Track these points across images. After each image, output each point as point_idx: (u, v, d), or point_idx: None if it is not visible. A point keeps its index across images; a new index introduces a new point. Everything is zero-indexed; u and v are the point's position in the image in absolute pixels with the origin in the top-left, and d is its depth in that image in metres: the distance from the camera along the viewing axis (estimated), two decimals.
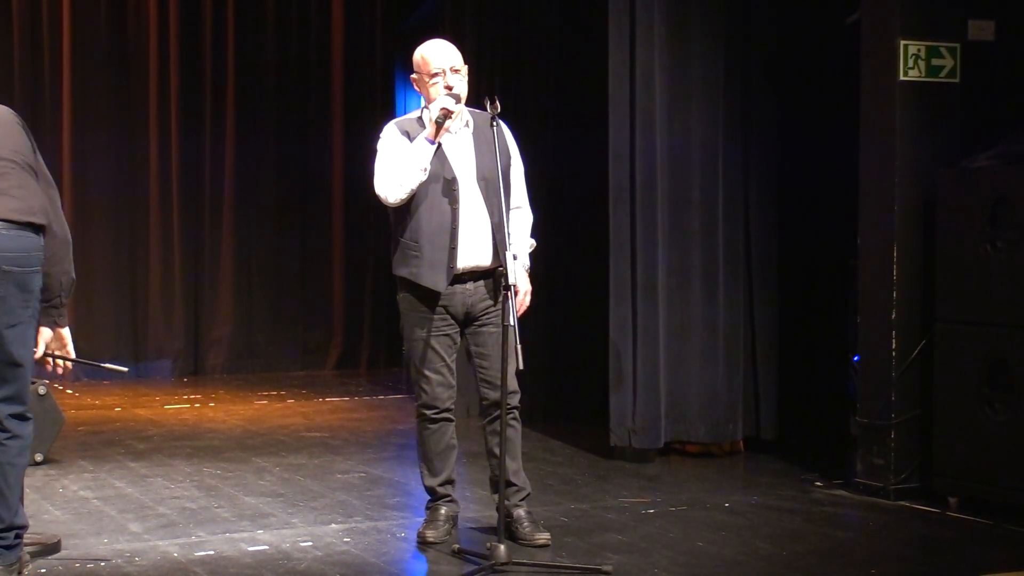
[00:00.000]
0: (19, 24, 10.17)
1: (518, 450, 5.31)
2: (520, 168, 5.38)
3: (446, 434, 5.32)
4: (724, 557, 5.12)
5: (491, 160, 5.13)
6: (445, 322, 5.23)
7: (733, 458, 7.20)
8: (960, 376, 5.93)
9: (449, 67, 5.19)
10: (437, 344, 5.23)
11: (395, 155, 5.15)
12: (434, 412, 5.28)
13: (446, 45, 5.28)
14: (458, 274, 5.17)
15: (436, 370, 5.24)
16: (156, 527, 5.53)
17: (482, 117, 5.26)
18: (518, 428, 5.29)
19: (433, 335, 5.22)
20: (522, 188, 5.38)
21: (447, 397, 5.28)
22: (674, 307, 7.06)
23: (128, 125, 10.49)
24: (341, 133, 11.14)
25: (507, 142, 5.30)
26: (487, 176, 5.16)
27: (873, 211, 6.28)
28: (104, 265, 10.44)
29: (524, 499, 5.32)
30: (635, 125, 6.97)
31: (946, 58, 6.20)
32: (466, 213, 5.15)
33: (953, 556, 5.27)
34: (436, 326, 5.22)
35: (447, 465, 5.34)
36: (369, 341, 11.30)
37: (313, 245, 11.19)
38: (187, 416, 8.64)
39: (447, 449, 5.33)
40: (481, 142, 5.22)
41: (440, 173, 5.15)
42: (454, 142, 5.22)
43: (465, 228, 5.15)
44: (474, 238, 5.16)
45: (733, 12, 7.22)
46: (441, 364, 5.25)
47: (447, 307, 5.21)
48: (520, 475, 5.31)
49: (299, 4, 11.06)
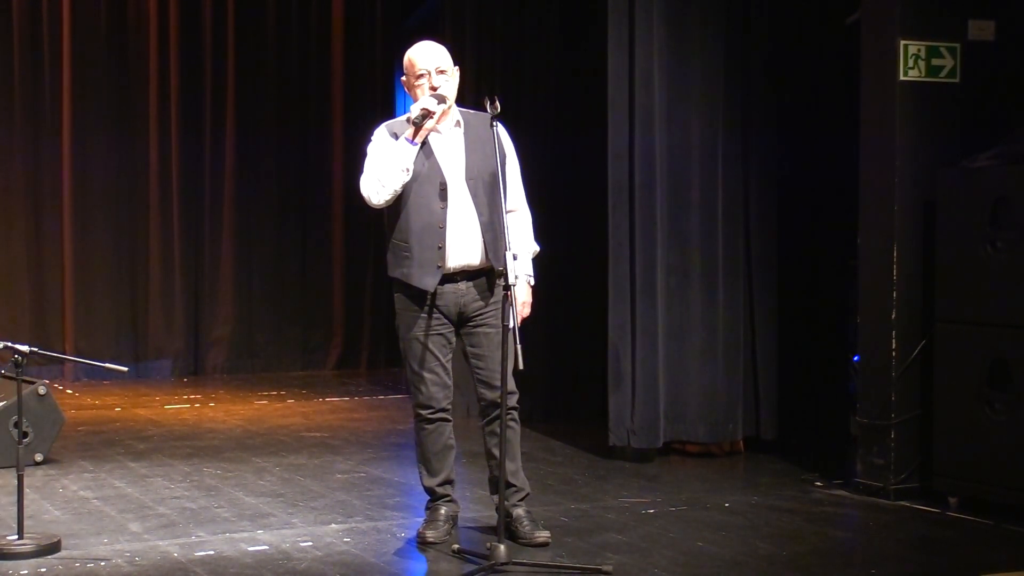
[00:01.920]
0: (19, 24, 10.18)
1: (517, 451, 5.31)
2: (516, 169, 5.36)
3: (443, 434, 5.31)
4: (724, 557, 5.12)
5: (482, 160, 5.14)
6: (439, 322, 5.23)
7: (733, 458, 7.20)
8: (960, 376, 5.93)
9: (434, 68, 5.20)
10: (431, 344, 5.23)
11: (380, 156, 5.16)
12: (430, 412, 5.28)
13: (432, 46, 5.28)
14: (449, 273, 5.18)
15: (431, 369, 5.24)
16: (156, 527, 5.53)
17: (477, 117, 5.26)
18: (517, 429, 5.29)
19: (427, 335, 5.23)
20: (518, 189, 5.37)
21: (443, 397, 5.28)
22: (674, 307, 7.06)
23: (128, 125, 10.50)
24: (341, 133, 11.15)
25: (502, 143, 5.28)
26: (476, 175, 5.17)
27: (873, 211, 6.28)
28: (104, 265, 10.46)
29: (523, 499, 5.32)
30: (635, 125, 6.97)
31: (946, 58, 6.20)
32: (454, 213, 5.15)
33: (953, 556, 5.27)
34: (430, 325, 5.22)
35: (445, 465, 5.34)
36: (369, 341, 11.31)
37: (313, 245, 11.20)
38: (187, 416, 8.64)
39: (445, 449, 5.33)
40: (473, 141, 5.22)
41: (428, 173, 5.16)
42: (443, 142, 5.22)
43: (453, 227, 5.15)
44: (463, 237, 5.16)
45: (733, 12, 7.22)
46: (436, 364, 5.25)
47: (440, 307, 5.21)
48: (519, 476, 5.31)
49: (299, 4, 11.07)
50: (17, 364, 5.13)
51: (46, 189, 10.30)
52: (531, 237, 5.37)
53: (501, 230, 5.04)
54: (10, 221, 10.22)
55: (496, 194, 5.13)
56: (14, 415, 6.15)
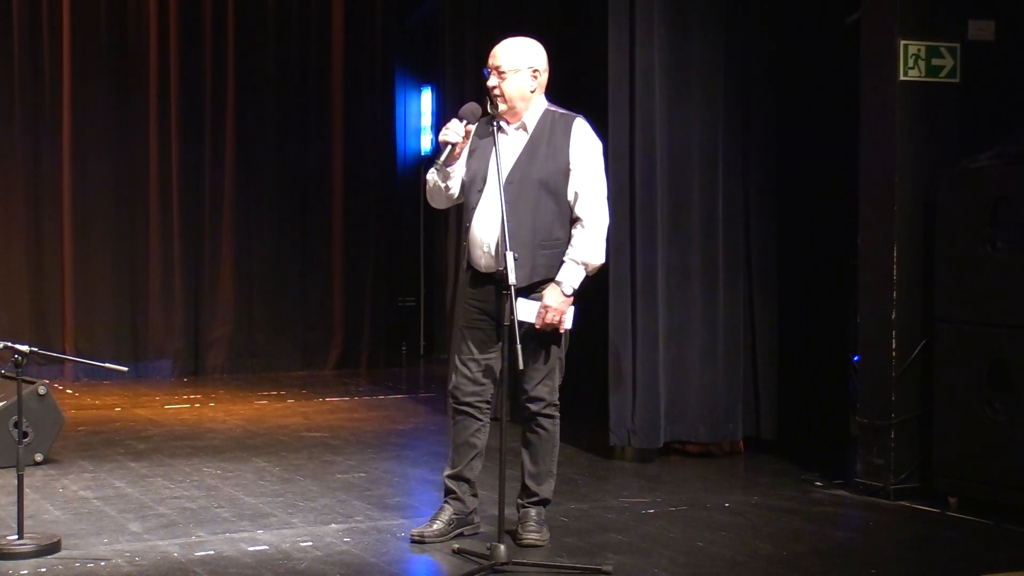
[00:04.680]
0: (19, 24, 10.17)
1: (541, 455, 5.30)
2: (583, 176, 5.17)
3: (468, 429, 5.29)
4: (724, 557, 5.12)
5: (532, 164, 5.11)
6: (482, 318, 5.24)
7: (733, 458, 7.20)
8: (960, 376, 5.93)
9: (493, 66, 5.18)
10: (470, 336, 5.26)
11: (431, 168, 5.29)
12: (455, 402, 5.32)
13: (503, 43, 5.25)
14: (486, 273, 5.17)
15: (463, 362, 5.28)
16: (156, 527, 5.53)
17: (559, 118, 5.18)
18: (542, 435, 5.29)
19: (467, 327, 5.27)
20: (585, 199, 5.17)
21: (470, 392, 5.27)
22: (674, 307, 7.06)
23: (128, 125, 10.49)
24: (341, 133, 11.14)
25: (569, 147, 5.17)
26: (519, 180, 5.10)
27: (873, 211, 6.28)
28: (104, 265, 10.45)
29: (536, 502, 5.31)
30: (635, 125, 6.97)
31: (946, 58, 6.20)
32: (484, 215, 5.14)
33: (953, 556, 5.27)
34: (472, 318, 5.26)
35: (462, 460, 5.31)
36: (369, 341, 11.31)
37: (313, 245, 11.19)
38: (187, 416, 8.64)
39: (465, 445, 5.30)
40: (533, 144, 5.15)
41: (477, 172, 5.19)
42: (505, 143, 5.16)
43: (481, 229, 5.15)
44: (486, 242, 5.14)
45: (733, 12, 7.22)
46: (468, 357, 5.26)
47: (483, 303, 5.22)
48: (540, 480, 5.30)
49: (299, 4, 11.07)
50: (17, 364, 5.13)
51: (46, 189, 10.30)
52: (587, 247, 5.14)
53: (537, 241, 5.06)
54: (10, 221, 10.21)
55: (548, 201, 5.11)
56: (14, 415, 6.15)
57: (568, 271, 5.12)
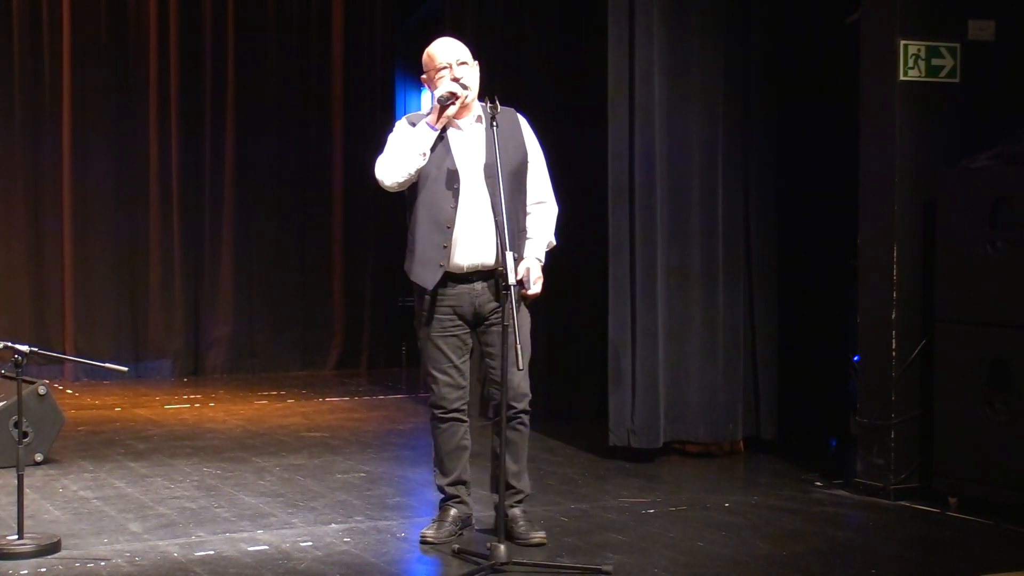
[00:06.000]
0: (19, 24, 10.18)
1: (522, 453, 5.30)
2: (539, 163, 5.34)
3: (456, 434, 5.30)
4: (724, 557, 5.12)
5: (504, 155, 5.07)
6: (453, 323, 5.22)
7: (733, 458, 7.20)
8: (960, 376, 5.93)
9: (455, 60, 5.19)
10: (444, 345, 5.23)
11: (399, 140, 5.16)
12: (442, 412, 5.28)
13: (452, 41, 5.29)
14: (464, 273, 5.16)
15: (443, 371, 5.24)
16: (156, 527, 5.53)
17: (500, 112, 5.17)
18: (524, 432, 5.28)
19: (441, 335, 5.23)
20: (544, 183, 5.35)
21: (455, 398, 5.27)
22: (674, 307, 7.06)
23: (128, 125, 10.49)
24: (341, 133, 11.15)
25: (523, 137, 5.26)
26: (493, 174, 5.09)
27: (873, 211, 6.28)
28: (104, 265, 10.45)
29: (521, 500, 5.31)
30: (634, 125, 6.97)
31: (946, 58, 6.20)
32: (467, 211, 5.13)
33: (953, 556, 5.27)
34: (444, 327, 5.22)
35: (457, 465, 5.32)
36: (369, 341, 11.31)
37: (313, 245, 11.19)
38: (187, 416, 8.64)
39: (457, 449, 5.31)
40: (501, 138, 5.13)
41: (442, 169, 5.13)
42: (462, 138, 5.19)
43: (465, 227, 5.13)
44: (476, 237, 5.13)
45: (733, 12, 7.22)
46: (448, 365, 5.24)
47: (455, 308, 5.20)
48: (521, 477, 5.30)
49: (299, 4, 11.07)
50: (17, 364, 5.13)
51: (46, 189, 10.30)
52: (551, 227, 5.34)
53: (518, 230, 5.05)
54: (10, 221, 10.21)
55: (519, 191, 5.14)
56: (14, 415, 6.15)
57: (540, 247, 5.26)
